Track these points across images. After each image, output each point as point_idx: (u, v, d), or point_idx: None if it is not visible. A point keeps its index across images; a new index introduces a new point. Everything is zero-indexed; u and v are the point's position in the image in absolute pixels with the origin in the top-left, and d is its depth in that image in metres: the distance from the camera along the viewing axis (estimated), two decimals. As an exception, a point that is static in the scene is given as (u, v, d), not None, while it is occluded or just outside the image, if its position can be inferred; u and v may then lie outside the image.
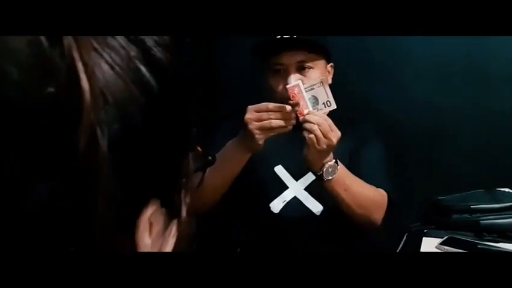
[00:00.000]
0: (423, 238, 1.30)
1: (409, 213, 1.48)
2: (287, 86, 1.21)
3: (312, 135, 1.14)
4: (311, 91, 1.21)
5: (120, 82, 0.27)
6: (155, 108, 0.30)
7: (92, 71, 0.26)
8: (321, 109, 1.21)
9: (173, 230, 0.35)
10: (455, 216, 1.38)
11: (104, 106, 0.27)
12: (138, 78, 0.28)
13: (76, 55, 0.26)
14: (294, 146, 1.25)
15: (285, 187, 1.35)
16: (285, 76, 1.30)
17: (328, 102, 1.21)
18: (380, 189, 1.31)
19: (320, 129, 1.14)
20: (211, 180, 1.23)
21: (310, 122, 1.15)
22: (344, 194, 1.22)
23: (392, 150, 1.45)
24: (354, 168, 1.32)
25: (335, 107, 1.22)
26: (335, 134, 1.16)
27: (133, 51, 0.29)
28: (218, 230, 1.71)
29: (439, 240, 1.26)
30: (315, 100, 1.21)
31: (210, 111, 1.93)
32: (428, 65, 1.75)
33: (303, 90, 1.20)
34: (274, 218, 1.33)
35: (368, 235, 1.39)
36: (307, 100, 1.19)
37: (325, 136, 1.14)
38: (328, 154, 1.18)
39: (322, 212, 1.33)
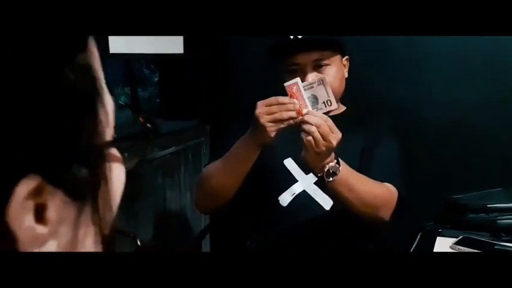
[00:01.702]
0: (438, 238, 1.26)
1: (423, 212, 1.44)
2: (285, 84, 1.16)
3: (310, 138, 1.08)
4: (310, 90, 1.16)
5: None
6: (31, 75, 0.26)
7: None
8: (320, 108, 1.16)
9: (86, 221, 0.30)
10: (471, 215, 1.33)
11: None
12: None
13: None
14: None
15: (294, 180, 1.32)
16: (302, 75, 1.27)
17: (328, 102, 1.16)
18: (388, 185, 1.26)
19: (319, 131, 1.08)
20: (224, 179, 1.23)
21: (309, 123, 1.09)
22: (348, 194, 1.17)
23: (407, 148, 1.41)
24: (365, 166, 1.29)
25: (336, 107, 1.17)
26: (335, 136, 1.10)
27: None
28: (228, 224, 1.69)
29: (454, 240, 1.22)
30: (315, 99, 1.16)
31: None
32: (447, 61, 1.70)
33: (302, 89, 1.14)
34: (282, 211, 1.30)
35: (379, 233, 1.35)
36: (306, 99, 1.14)
37: (324, 138, 1.08)
38: (328, 155, 1.12)
39: (332, 206, 1.29)
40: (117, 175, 0.33)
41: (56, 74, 0.27)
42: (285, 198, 1.31)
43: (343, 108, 1.44)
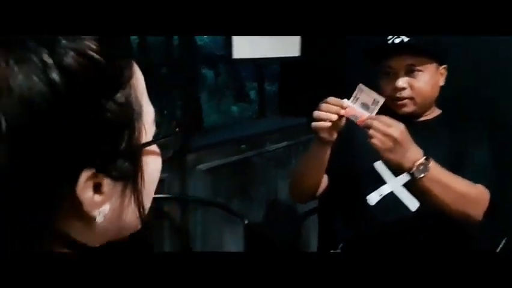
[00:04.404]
0: None
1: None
2: (342, 114, 1.24)
3: (373, 140, 1.18)
4: (357, 100, 1.25)
5: (30, 81, 0.36)
6: (61, 97, 0.37)
7: None
8: (373, 109, 1.24)
9: (128, 196, 0.45)
10: None
11: (5, 98, 0.35)
12: (46, 76, 0.37)
13: None
14: None
15: (383, 182, 1.41)
16: (394, 79, 1.37)
17: (375, 101, 1.24)
18: (478, 185, 1.29)
19: (376, 131, 1.17)
20: (301, 168, 1.43)
21: (366, 128, 1.20)
22: (439, 191, 1.22)
23: (503, 152, 1.42)
24: (457, 168, 1.31)
25: (383, 99, 1.24)
26: (395, 129, 1.17)
27: (47, 57, 0.37)
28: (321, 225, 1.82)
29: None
30: (366, 105, 1.25)
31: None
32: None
33: (351, 105, 1.25)
34: (370, 209, 1.41)
35: (464, 236, 1.40)
36: (360, 110, 1.24)
37: (385, 135, 1.17)
38: (403, 149, 1.19)
39: (418, 208, 1.37)
40: (153, 165, 0.47)
41: (102, 107, 0.40)
42: (373, 198, 1.42)
43: (438, 111, 1.49)
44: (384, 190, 1.41)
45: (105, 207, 0.42)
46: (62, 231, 0.42)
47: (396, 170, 1.35)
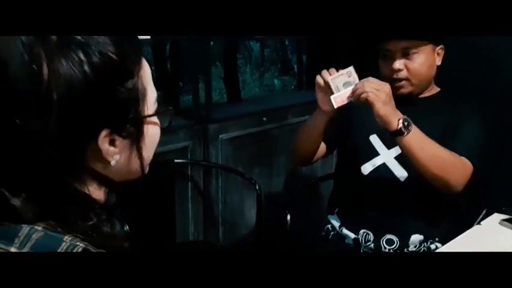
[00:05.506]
0: (495, 213, 1.37)
1: (505, 196, 1.52)
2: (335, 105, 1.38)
3: (369, 94, 1.30)
4: (338, 87, 1.35)
5: (71, 71, 0.53)
6: (90, 83, 0.54)
7: (53, 67, 0.52)
8: (354, 78, 1.35)
9: (134, 151, 0.61)
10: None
11: (57, 82, 0.52)
12: (81, 69, 0.53)
13: (43, 60, 0.52)
14: None
15: (376, 154, 1.54)
16: (391, 61, 1.48)
17: (348, 72, 1.35)
18: (461, 157, 1.39)
19: (370, 89, 1.30)
20: (301, 134, 1.58)
21: (357, 90, 1.32)
22: (419, 153, 1.33)
23: (492, 132, 1.50)
24: (448, 141, 1.41)
25: (351, 66, 1.36)
26: (385, 85, 1.32)
27: (82, 56, 0.53)
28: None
29: (507, 217, 1.33)
30: (347, 83, 1.36)
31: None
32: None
33: (338, 93, 1.35)
34: (363, 178, 1.55)
35: (447, 205, 1.51)
36: (348, 91, 1.35)
37: (378, 90, 1.30)
38: (393, 103, 1.32)
39: (406, 178, 1.50)
40: (152, 131, 0.63)
41: (116, 90, 0.57)
42: (367, 168, 1.55)
43: (437, 89, 1.58)
44: (377, 161, 1.55)
45: (117, 156, 0.59)
46: (90, 167, 0.59)
47: (391, 144, 1.48)
